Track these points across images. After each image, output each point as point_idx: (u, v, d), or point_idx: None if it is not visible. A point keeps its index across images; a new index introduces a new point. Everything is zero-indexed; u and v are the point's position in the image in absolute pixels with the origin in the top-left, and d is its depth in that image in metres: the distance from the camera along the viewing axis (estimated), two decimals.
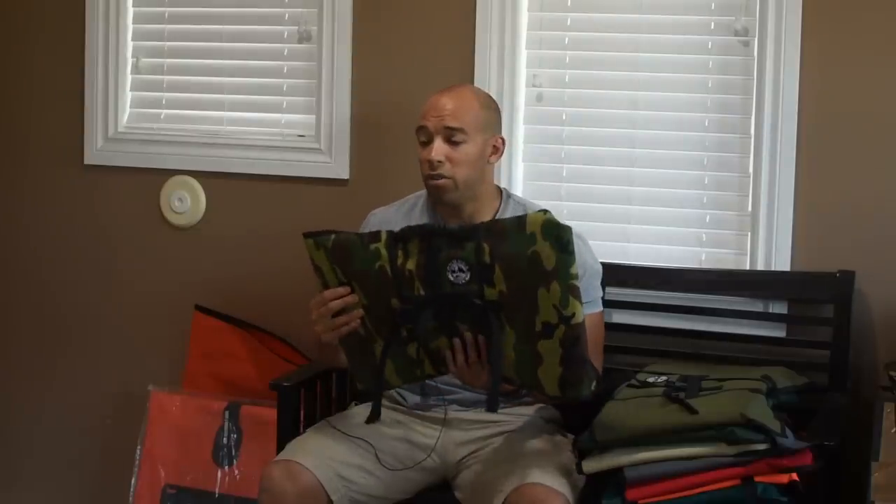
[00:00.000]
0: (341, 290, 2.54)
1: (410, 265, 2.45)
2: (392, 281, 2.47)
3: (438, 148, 2.71)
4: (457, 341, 2.44)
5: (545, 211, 2.35)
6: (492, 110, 2.82)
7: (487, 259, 2.38)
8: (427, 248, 2.43)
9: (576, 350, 2.36)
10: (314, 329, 2.59)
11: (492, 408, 2.43)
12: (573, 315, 2.34)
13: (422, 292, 2.45)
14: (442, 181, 2.71)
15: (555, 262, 2.32)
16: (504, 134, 3.15)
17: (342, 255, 2.53)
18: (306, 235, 2.57)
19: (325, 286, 2.58)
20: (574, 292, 2.34)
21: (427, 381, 2.70)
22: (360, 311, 2.53)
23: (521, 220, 2.36)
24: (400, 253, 2.47)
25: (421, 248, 2.44)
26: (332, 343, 2.60)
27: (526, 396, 2.73)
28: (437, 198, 2.75)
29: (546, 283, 2.33)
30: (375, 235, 2.51)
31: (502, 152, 2.83)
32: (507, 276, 2.37)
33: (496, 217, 2.74)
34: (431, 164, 2.71)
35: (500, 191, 2.85)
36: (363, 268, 2.50)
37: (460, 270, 2.41)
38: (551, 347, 2.37)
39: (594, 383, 2.40)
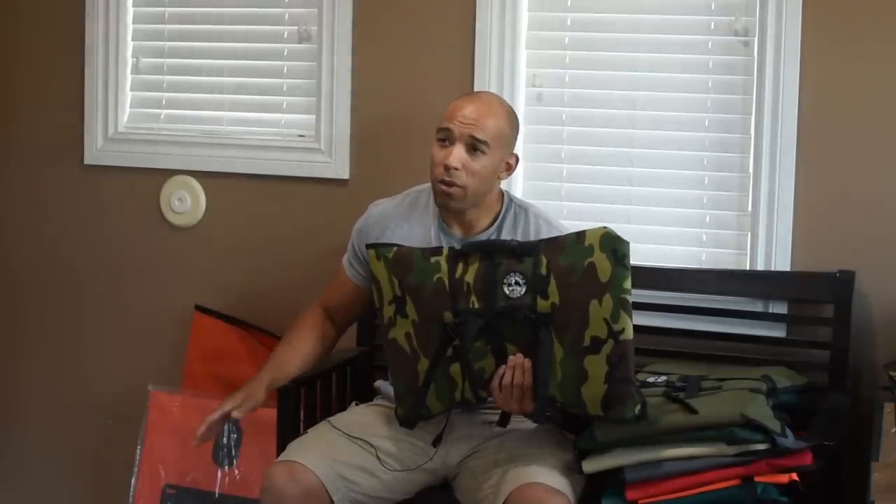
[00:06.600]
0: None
1: (469, 277, 2.51)
2: (448, 294, 2.51)
3: (458, 155, 2.65)
4: (510, 358, 2.47)
5: (605, 227, 2.41)
6: (515, 128, 2.77)
7: (544, 271, 2.44)
8: (487, 262, 2.49)
9: (621, 367, 2.38)
10: None
11: (540, 421, 2.52)
12: (623, 330, 2.38)
13: (476, 306, 2.49)
14: (453, 189, 2.66)
15: (610, 275, 2.38)
16: None
17: (402, 266, 2.58)
18: (369, 246, 2.65)
19: (381, 300, 2.63)
20: (625, 306, 2.38)
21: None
22: None
23: (580, 234, 2.43)
24: (460, 266, 2.52)
25: (481, 261, 2.50)
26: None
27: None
28: (444, 204, 2.71)
29: (599, 295, 2.38)
30: (437, 249, 2.58)
31: (513, 171, 2.78)
32: (561, 287, 2.42)
33: (498, 221, 2.74)
34: (447, 169, 2.66)
35: (502, 196, 2.80)
36: (421, 280, 2.55)
37: (517, 284, 2.46)
38: (598, 363, 2.39)
39: (639, 406, 2.40)
